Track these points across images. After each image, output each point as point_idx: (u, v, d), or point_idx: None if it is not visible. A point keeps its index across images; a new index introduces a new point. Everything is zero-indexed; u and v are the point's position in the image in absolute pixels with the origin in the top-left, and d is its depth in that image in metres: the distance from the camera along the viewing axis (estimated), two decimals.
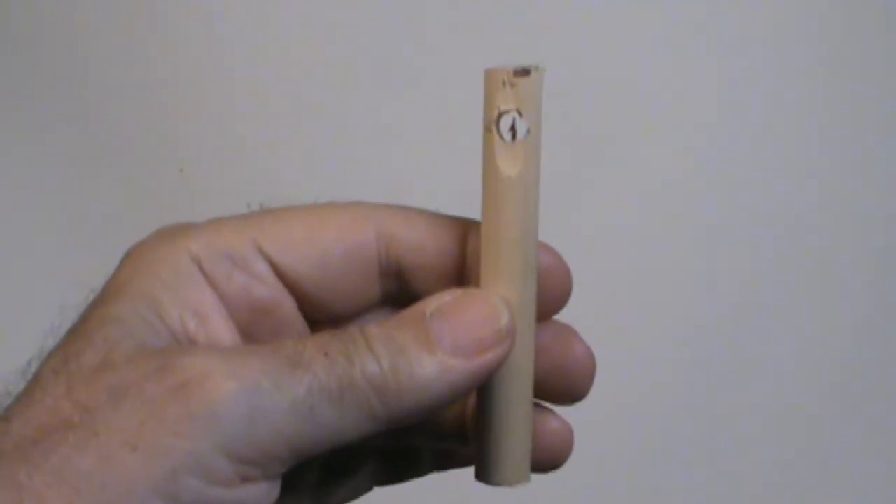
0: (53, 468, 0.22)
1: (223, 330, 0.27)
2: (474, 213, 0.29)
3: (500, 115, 0.26)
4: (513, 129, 0.26)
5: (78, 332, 0.25)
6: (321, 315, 0.29)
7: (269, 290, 0.28)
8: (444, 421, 0.31)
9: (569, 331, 0.30)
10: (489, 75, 0.27)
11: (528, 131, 0.26)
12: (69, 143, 0.73)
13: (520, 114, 0.26)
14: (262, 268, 0.28)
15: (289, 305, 0.28)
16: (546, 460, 0.30)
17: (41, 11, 0.72)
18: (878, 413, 0.75)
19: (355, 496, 0.33)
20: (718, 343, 0.74)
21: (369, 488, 0.33)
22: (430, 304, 0.26)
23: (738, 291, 0.74)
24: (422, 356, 0.25)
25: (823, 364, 0.74)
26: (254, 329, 0.28)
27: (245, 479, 0.24)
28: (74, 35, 0.72)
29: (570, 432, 0.30)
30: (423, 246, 0.28)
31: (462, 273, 0.28)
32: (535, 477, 0.30)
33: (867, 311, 0.74)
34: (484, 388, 0.28)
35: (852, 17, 0.72)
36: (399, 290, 0.29)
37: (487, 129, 0.26)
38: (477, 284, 0.27)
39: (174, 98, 0.72)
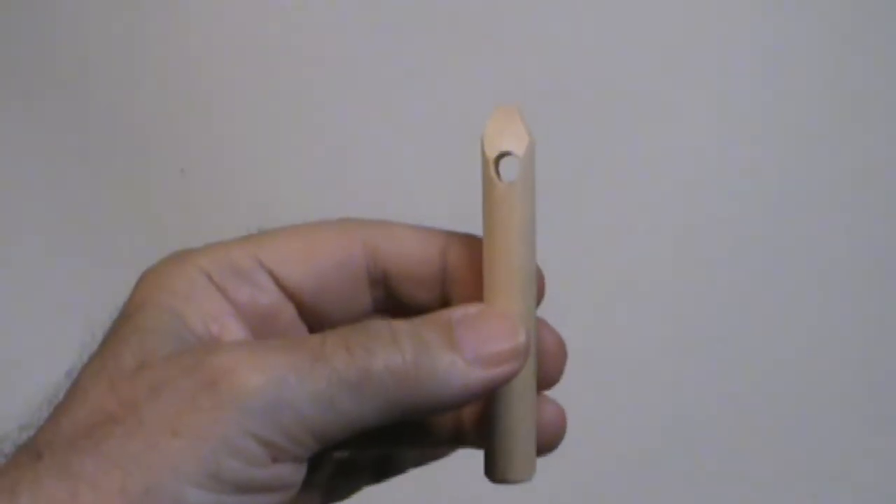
0: (103, 455, 0.25)
1: (240, 333, 0.30)
2: (466, 219, 0.31)
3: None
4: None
5: (112, 340, 0.28)
6: (318, 322, 0.31)
7: (271, 298, 0.30)
8: (442, 425, 0.33)
9: (538, 321, 0.32)
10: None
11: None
12: (69, 143, 0.73)
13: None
14: (264, 279, 0.30)
15: (290, 312, 0.31)
16: (543, 443, 0.32)
17: (42, 11, 0.72)
18: (878, 411, 0.75)
19: (349, 494, 0.36)
20: (718, 341, 0.74)
21: (359, 488, 0.36)
22: (456, 313, 0.29)
23: (738, 289, 0.74)
24: (444, 355, 0.27)
25: (822, 362, 0.74)
26: (263, 334, 0.30)
27: (275, 460, 0.26)
28: (75, 35, 0.72)
29: (563, 414, 0.32)
30: (406, 256, 0.31)
31: (444, 281, 0.31)
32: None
33: (867, 310, 0.74)
34: (496, 394, 0.30)
35: (853, 17, 0.72)
36: (387, 298, 0.32)
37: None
38: (461, 292, 0.31)
39: (175, 98, 0.72)
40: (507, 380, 0.28)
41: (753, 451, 0.75)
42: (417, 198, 0.68)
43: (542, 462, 0.32)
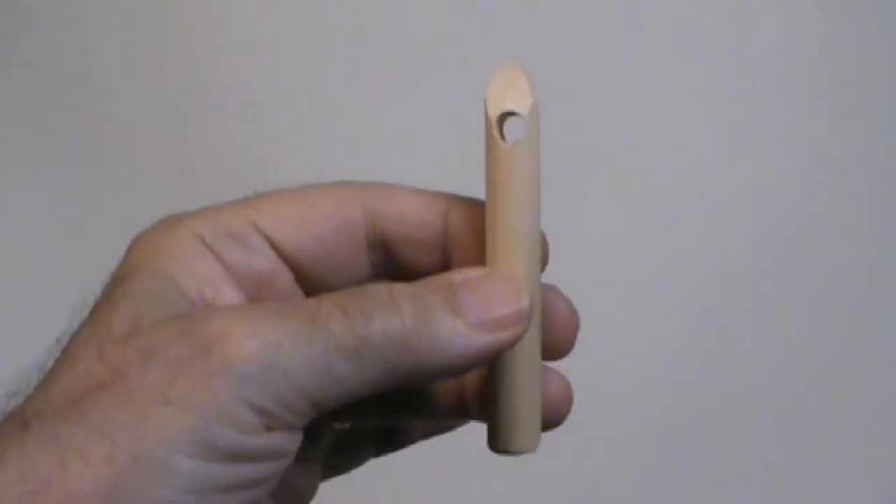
0: (92, 424, 0.24)
1: (235, 298, 0.29)
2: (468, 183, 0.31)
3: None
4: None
5: (103, 306, 0.27)
6: (316, 288, 0.30)
7: (267, 262, 0.30)
8: (443, 396, 0.32)
9: (550, 289, 0.31)
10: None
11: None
12: (70, 142, 0.73)
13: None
14: (259, 242, 0.30)
15: (286, 277, 0.30)
16: (548, 416, 0.31)
17: (43, 11, 0.72)
18: (876, 412, 0.75)
19: (352, 468, 0.35)
20: (717, 343, 0.74)
21: (362, 461, 0.35)
22: (458, 276, 0.28)
23: (738, 291, 0.74)
24: (446, 320, 0.26)
25: (821, 364, 0.74)
26: (258, 300, 0.30)
27: (270, 428, 0.25)
28: (76, 34, 0.72)
29: (569, 387, 0.31)
30: (406, 220, 0.30)
31: (445, 245, 0.30)
32: (533, 471, 0.31)
33: (866, 312, 0.74)
34: (499, 361, 0.29)
35: (855, 18, 0.72)
36: (387, 263, 0.31)
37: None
38: (463, 256, 0.30)
39: (175, 98, 0.72)
40: (510, 345, 0.28)
41: (754, 450, 0.75)
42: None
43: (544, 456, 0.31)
